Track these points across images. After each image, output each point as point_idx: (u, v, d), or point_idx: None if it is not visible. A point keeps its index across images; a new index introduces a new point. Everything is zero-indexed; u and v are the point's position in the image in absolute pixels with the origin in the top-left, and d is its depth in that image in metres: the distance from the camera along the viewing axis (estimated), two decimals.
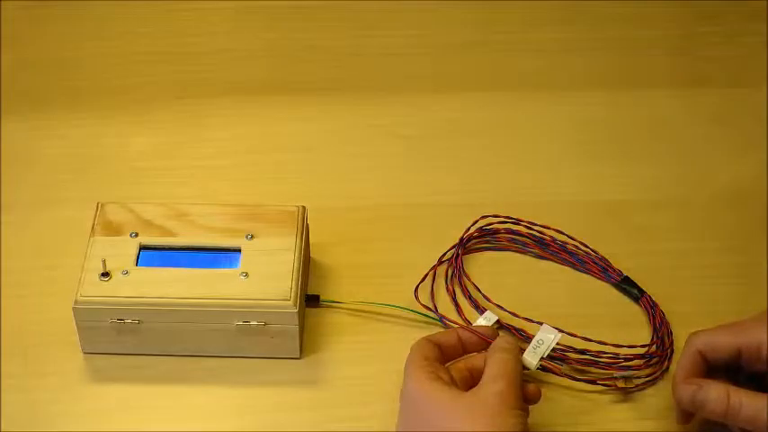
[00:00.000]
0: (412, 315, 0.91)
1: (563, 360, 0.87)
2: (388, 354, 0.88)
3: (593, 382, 0.87)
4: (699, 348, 0.81)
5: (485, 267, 0.94)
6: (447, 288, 0.93)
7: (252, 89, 1.09)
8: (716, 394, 0.79)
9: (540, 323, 0.87)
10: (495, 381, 0.78)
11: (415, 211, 0.99)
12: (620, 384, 0.86)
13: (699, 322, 0.86)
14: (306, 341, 0.90)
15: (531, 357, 0.84)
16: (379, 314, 0.91)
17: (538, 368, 0.84)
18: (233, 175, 1.02)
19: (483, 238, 0.96)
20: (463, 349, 0.84)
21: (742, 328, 0.81)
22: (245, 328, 0.87)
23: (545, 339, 0.85)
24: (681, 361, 0.82)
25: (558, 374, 0.86)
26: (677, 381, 0.82)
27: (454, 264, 0.94)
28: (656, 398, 0.87)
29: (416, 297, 0.91)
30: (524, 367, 0.83)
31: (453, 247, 0.95)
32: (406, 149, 1.04)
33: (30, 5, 1.16)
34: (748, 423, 0.78)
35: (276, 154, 1.04)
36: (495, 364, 0.79)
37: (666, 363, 0.88)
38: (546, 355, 0.84)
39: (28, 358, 0.89)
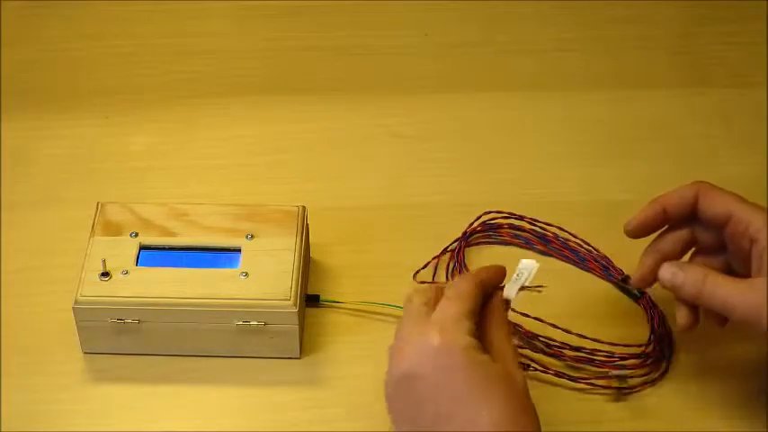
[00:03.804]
0: None
1: (558, 357, 0.87)
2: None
3: (586, 380, 0.87)
4: (699, 189, 0.82)
5: (486, 261, 0.94)
6: (447, 281, 0.93)
7: (252, 89, 1.09)
8: (693, 276, 0.80)
9: (538, 319, 0.87)
10: (515, 365, 0.76)
11: (416, 211, 0.99)
12: (614, 384, 0.86)
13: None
14: (306, 341, 0.90)
15: (512, 290, 0.80)
16: (379, 314, 0.91)
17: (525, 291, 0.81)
18: (233, 175, 1.02)
19: (486, 232, 0.96)
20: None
21: (746, 202, 0.81)
22: (245, 328, 0.87)
23: (524, 270, 0.81)
24: (669, 193, 0.83)
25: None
26: (655, 202, 0.83)
27: (456, 257, 0.94)
28: (653, 397, 0.87)
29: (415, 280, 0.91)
30: (506, 300, 0.80)
31: (456, 240, 0.95)
32: (406, 149, 1.04)
33: (30, 5, 1.16)
34: (719, 307, 0.79)
35: (276, 154, 1.04)
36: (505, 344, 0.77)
37: (664, 363, 0.88)
38: (527, 283, 0.80)
39: (28, 358, 0.89)
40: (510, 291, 0.80)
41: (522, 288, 0.80)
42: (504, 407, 0.73)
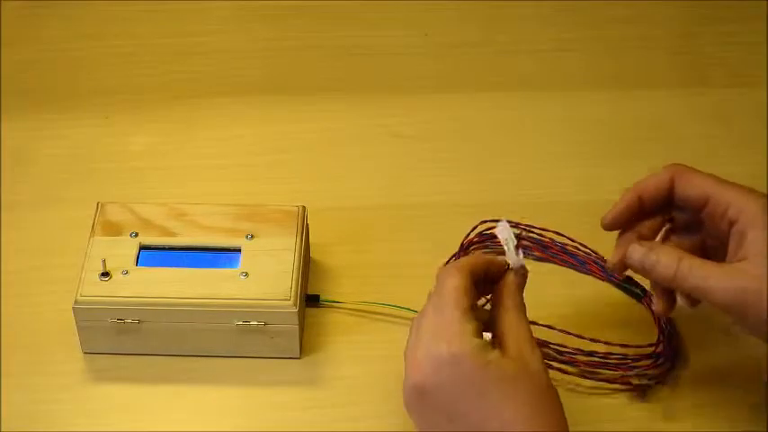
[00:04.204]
0: (412, 315, 0.90)
1: (572, 363, 0.87)
2: (388, 354, 0.88)
3: (606, 380, 0.87)
4: (674, 173, 0.81)
5: None
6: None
7: (251, 89, 1.09)
8: (667, 258, 0.79)
9: (547, 326, 0.86)
10: (530, 349, 0.76)
11: (415, 211, 0.99)
12: (635, 381, 0.86)
13: (700, 320, 0.87)
14: (306, 341, 0.90)
15: (511, 257, 0.79)
16: (379, 314, 0.91)
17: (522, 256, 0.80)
18: (233, 175, 1.02)
19: (483, 243, 0.95)
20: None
21: (724, 182, 0.80)
22: (245, 328, 0.87)
23: (504, 234, 0.80)
24: (645, 180, 0.82)
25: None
26: (631, 192, 0.82)
27: None
28: (668, 396, 0.87)
29: None
30: (521, 270, 0.80)
31: (455, 255, 0.94)
32: (406, 149, 1.04)
33: (30, 5, 1.16)
34: (695, 291, 0.78)
35: (276, 154, 1.04)
36: (520, 334, 0.76)
37: (675, 361, 0.88)
38: (516, 241, 0.79)
39: (28, 358, 0.89)
40: (513, 258, 0.80)
41: (518, 246, 0.79)
42: (521, 406, 0.73)
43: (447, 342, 0.74)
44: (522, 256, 0.80)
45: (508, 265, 0.80)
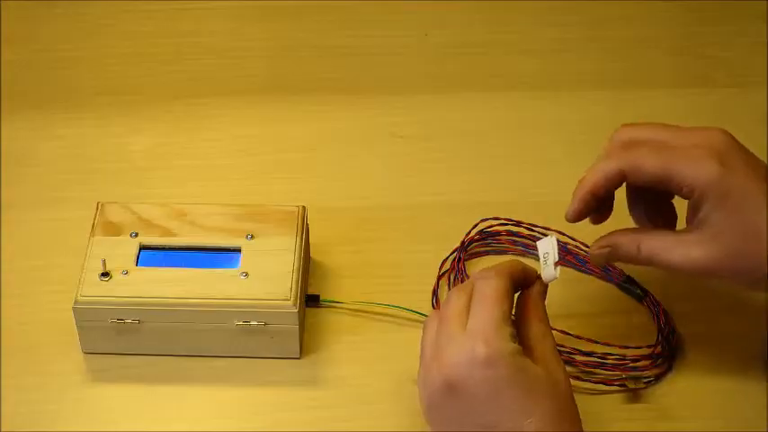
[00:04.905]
0: (412, 315, 0.91)
1: (569, 363, 0.87)
2: (388, 354, 0.88)
3: (603, 383, 0.87)
4: (622, 167, 0.81)
5: None
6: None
7: (252, 89, 1.09)
8: (626, 251, 0.81)
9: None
10: (556, 362, 0.77)
11: (415, 212, 0.99)
12: (631, 385, 0.86)
13: (700, 320, 0.87)
14: (306, 341, 0.90)
15: (549, 271, 0.81)
16: (379, 314, 0.91)
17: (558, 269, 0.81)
18: (233, 175, 1.02)
19: (484, 240, 0.96)
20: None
21: (675, 157, 0.81)
22: (245, 328, 0.87)
23: (546, 248, 0.82)
24: (594, 177, 0.82)
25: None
26: (584, 190, 0.83)
27: (456, 267, 0.93)
28: (665, 397, 0.87)
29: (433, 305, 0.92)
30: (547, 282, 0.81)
31: (455, 251, 0.94)
32: (406, 149, 1.04)
33: (30, 5, 1.16)
34: (662, 267, 0.81)
35: (276, 154, 1.04)
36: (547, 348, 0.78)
37: (674, 362, 0.88)
38: (558, 258, 0.81)
39: (28, 358, 0.89)
40: (549, 273, 0.81)
41: (557, 263, 0.81)
42: (548, 414, 0.74)
43: (485, 342, 0.74)
44: (558, 272, 0.81)
45: (538, 275, 0.81)
